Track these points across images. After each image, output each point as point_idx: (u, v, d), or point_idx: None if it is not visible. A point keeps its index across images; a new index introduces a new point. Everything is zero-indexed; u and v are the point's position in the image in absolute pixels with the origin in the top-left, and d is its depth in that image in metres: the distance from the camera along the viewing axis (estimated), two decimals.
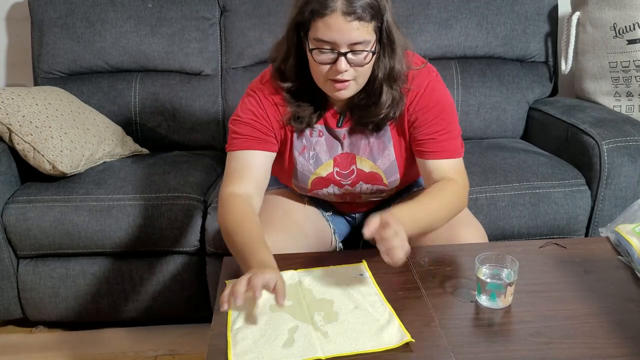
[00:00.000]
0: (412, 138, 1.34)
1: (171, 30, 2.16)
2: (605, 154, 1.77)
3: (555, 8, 2.25)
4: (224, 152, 2.18)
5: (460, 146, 1.35)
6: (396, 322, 1.03)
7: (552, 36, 2.27)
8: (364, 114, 1.30)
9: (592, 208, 1.82)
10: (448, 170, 1.31)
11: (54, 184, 1.80)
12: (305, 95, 1.29)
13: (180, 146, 2.19)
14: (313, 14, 1.14)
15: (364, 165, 1.37)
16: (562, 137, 1.98)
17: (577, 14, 2.16)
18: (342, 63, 1.16)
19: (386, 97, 1.26)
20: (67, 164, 1.76)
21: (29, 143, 1.73)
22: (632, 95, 2.08)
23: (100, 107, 2.12)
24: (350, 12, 1.12)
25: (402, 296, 1.12)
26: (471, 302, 1.10)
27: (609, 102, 2.13)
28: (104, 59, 2.17)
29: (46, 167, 1.75)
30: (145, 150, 2.14)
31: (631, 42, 2.01)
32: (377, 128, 1.33)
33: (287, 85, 1.28)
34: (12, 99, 1.76)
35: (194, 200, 1.76)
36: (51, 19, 2.15)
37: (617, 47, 2.04)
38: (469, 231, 1.35)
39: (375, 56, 1.21)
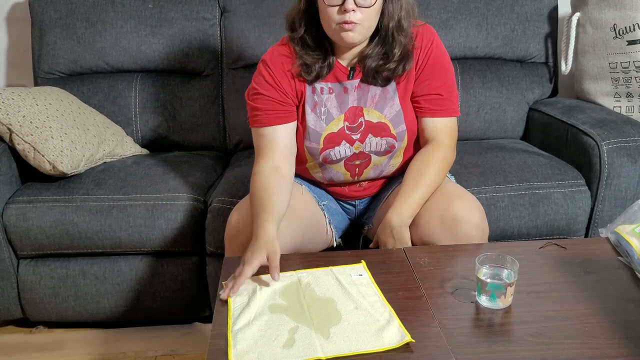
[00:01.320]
0: (414, 93, 1.43)
1: (171, 31, 2.16)
2: (605, 155, 1.77)
3: (555, 9, 2.26)
4: (224, 152, 2.22)
5: (457, 105, 1.47)
6: (396, 322, 1.03)
7: (552, 37, 2.27)
8: (376, 64, 1.37)
9: (592, 209, 1.82)
10: (441, 130, 1.44)
11: (54, 184, 1.80)
12: (314, 45, 1.38)
13: (180, 146, 2.19)
14: None
15: (372, 116, 1.42)
16: (562, 138, 1.99)
17: (577, 14, 2.16)
18: (350, 3, 1.26)
19: (398, 47, 1.36)
20: (67, 164, 1.76)
21: (29, 143, 1.73)
22: (632, 96, 2.08)
23: (100, 108, 2.12)
24: None
25: (402, 296, 1.12)
26: (471, 302, 1.10)
27: (609, 102, 2.13)
28: (104, 60, 2.17)
29: (46, 167, 1.75)
30: (145, 151, 2.14)
31: (631, 42, 2.01)
32: (387, 81, 1.41)
33: (296, 34, 1.37)
34: (13, 99, 1.76)
35: (194, 200, 1.76)
36: (51, 19, 2.15)
37: (617, 47, 2.05)
38: (462, 203, 1.36)
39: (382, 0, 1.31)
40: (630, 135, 1.80)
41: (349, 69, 1.41)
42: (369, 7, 1.28)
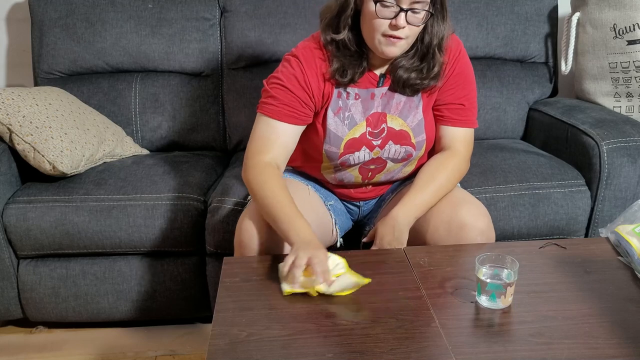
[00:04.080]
0: (437, 101, 1.43)
1: (171, 31, 2.16)
2: (605, 155, 1.77)
3: (555, 9, 2.26)
4: (224, 152, 2.22)
5: (476, 117, 1.47)
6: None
7: (552, 37, 2.27)
8: (407, 76, 1.35)
9: (592, 208, 1.82)
10: (458, 140, 1.44)
11: (54, 184, 1.80)
12: (353, 49, 1.34)
13: (180, 146, 2.19)
14: None
15: (395, 123, 1.41)
16: (562, 138, 1.99)
17: (577, 14, 2.16)
18: (402, 19, 1.24)
19: (438, 66, 1.35)
20: (67, 164, 1.76)
21: (29, 143, 1.73)
22: (632, 96, 2.08)
23: (100, 108, 2.12)
24: None
25: (402, 296, 1.13)
26: (471, 302, 1.10)
27: (608, 102, 2.13)
28: (104, 60, 2.17)
29: (46, 168, 1.75)
30: (145, 151, 2.14)
31: (631, 42, 2.01)
32: (415, 93, 1.40)
33: (338, 37, 1.33)
34: (13, 99, 1.76)
35: (194, 200, 1.76)
36: (51, 19, 2.15)
37: (617, 47, 2.05)
38: (469, 209, 1.36)
39: (429, 18, 1.29)
40: (630, 135, 1.80)
41: (379, 75, 1.39)
42: (418, 25, 1.27)
